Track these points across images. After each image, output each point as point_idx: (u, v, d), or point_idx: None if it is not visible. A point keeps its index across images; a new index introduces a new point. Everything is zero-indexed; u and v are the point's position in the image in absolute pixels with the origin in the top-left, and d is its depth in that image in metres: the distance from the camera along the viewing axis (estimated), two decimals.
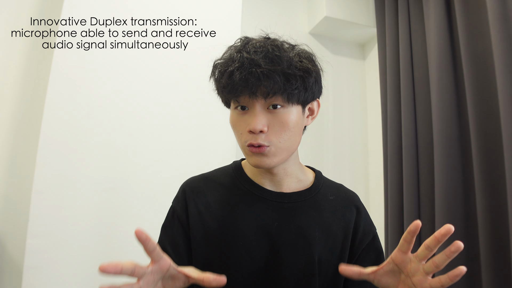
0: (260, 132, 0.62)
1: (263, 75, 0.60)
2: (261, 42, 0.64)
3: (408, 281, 0.55)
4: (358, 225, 0.73)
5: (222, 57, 0.67)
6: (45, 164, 1.23)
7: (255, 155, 0.64)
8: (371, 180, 2.24)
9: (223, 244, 0.67)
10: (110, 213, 1.30)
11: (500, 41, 1.35)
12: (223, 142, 1.48)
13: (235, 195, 0.72)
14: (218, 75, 0.65)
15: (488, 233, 1.36)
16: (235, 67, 0.61)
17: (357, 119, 2.31)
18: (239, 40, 0.67)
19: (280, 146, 0.64)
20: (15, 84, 1.50)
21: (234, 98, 0.64)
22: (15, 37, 1.52)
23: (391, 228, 1.78)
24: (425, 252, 0.53)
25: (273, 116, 0.63)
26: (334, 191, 0.77)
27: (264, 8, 2.15)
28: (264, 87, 0.60)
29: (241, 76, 0.60)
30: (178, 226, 0.71)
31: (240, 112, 0.65)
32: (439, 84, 1.62)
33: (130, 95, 1.40)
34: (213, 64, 0.68)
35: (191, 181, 0.76)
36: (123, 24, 1.43)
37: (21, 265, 1.19)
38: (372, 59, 2.33)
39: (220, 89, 0.66)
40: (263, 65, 0.60)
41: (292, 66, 0.62)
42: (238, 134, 0.66)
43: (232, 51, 0.65)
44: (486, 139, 1.44)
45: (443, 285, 0.51)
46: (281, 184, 0.72)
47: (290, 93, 0.62)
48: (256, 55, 0.61)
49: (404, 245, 0.54)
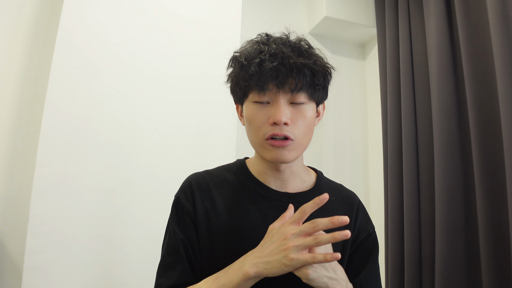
0: (284, 124, 0.62)
1: (295, 67, 0.60)
2: (285, 36, 0.65)
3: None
4: (355, 224, 0.74)
5: (243, 49, 0.67)
6: (45, 164, 1.23)
7: (276, 149, 0.63)
8: (371, 180, 2.24)
9: (228, 241, 0.67)
10: (110, 213, 1.30)
11: (500, 41, 1.35)
12: (223, 143, 1.48)
13: (240, 193, 0.71)
14: (244, 63, 0.63)
15: (488, 233, 1.36)
16: (267, 57, 0.60)
17: (357, 119, 2.31)
18: (259, 35, 0.68)
19: (300, 142, 0.65)
20: (15, 84, 1.50)
21: (259, 88, 0.62)
22: (15, 37, 1.52)
23: (391, 228, 1.77)
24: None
25: (296, 110, 0.63)
26: (335, 191, 0.76)
27: (264, 8, 2.15)
28: (293, 79, 0.60)
29: (273, 65, 0.59)
30: (189, 222, 0.69)
31: (259, 105, 0.64)
32: (439, 84, 1.62)
33: (130, 95, 1.40)
34: (233, 56, 0.67)
35: (196, 176, 0.74)
36: (123, 23, 1.43)
37: (21, 265, 1.19)
38: (372, 59, 2.33)
39: (244, 78, 0.63)
40: (294, 58, 0.60)
41: (317, 63, 0.63)
42: (255, 128, 0.64)
43: (256, 43, 0.65)
44: (486, 139, 1.43)
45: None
46: (286, 183, 0.72)
47: (315, 89, 0.63)
48: (285, 48, 0.62)
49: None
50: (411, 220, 1.67)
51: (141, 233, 1.32)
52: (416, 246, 1.64)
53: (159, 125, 1.42)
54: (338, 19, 2.08)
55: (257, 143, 0.66)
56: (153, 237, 1.20)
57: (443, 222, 1.50)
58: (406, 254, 1.65)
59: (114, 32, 1.41)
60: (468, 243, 1.48)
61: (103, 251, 1.26)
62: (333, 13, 2.07)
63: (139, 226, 1.32)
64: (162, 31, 1.48)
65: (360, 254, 0.73)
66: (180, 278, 0.66)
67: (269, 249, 0.57)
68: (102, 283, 1.25)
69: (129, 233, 1.31)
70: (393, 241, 1.75)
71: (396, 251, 1.73)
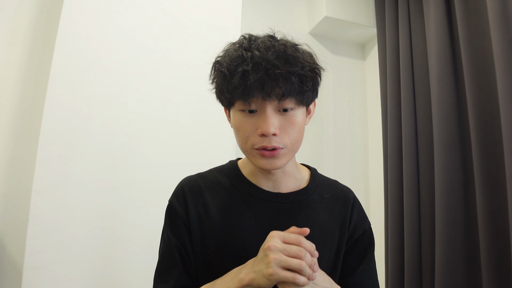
0: (273, 135, 0.60)
1: (281, 77, 0.56)
2: (269, 41, 0.60)
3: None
4: (351, 221, 0.73)
5: (225, 54, 0.62)
6: (45, 164, 1.23)
7: (266, 159, 0.62)
8: (371, 180, 2.24)
9: (221, 245, 0.66)
10: (110, 213, 1.30)
11: (500, 41, 1.35)
12: (223, 142, 1.48)
13: (232, 196, 0.70)
14: (227, 74, 0.59)
15: (488, 233, 1.36)
16: (250, 67, 0.56)
17: (357, 119, 2.31)
18: (243, 37, 0.63)
19: (291, 148, 0.63)
20: (15, 84, 1.50)
21: (244, 100, 0.59)
22: (15, 37, 1.52)
23: (391, 228, 1.77)
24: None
25: (284, 117, 0.61)
26: (329, 188, 0.76)
27: (264, 8, 2.15)
28: (280, 89, 0.57)
29: (257, 77, 0.56)
30: (183, 227, 0.69)
31: (246, 114, 0.61)
32: (439, 84, 1.62)
33: (130, 95, 1.40)
34: (215, 61, 0.64)
35: (189, 180, 0.74)
36: (122, 24, 1.43)
37: (21, 265, 1.19)
38: (372, 59, 2.33)
39: (228, 90, 0.60)
40: (280, 66, 0.56)
41: (304, 67, 0.59)
42: (243, 137, 0.63)
43: (238, 49, 0.60)
44: (486, 139, 1.43)
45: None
46: (279, 184, 0.71)
47: (303, 94, 0.60)
48: (269, 54, 0.57)
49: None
50: (411, 220, 1.67)
51: (141, 233, 1.32)
52: (416, 246, 1.64)
53: (159, 125, 1.42)
54: (338, 19, 2.08)
55: (246, 151, 0.64)
56: (153, 236, 1.20)
57: (443, 222, 1.50)
58: (406, 254, 1.65)
59: (114, 32, 1.41)
60: (468, 243, 1.48)
61: (103, 251, 1.26)
62: (333, 13, 2.07)
63: (139, 226, 1.32)
64: (161, 31, 1.48)
65: (355, 251, 0.73)
66: (176, 283, 0.65)
67: (258, 256, 0.57)
68: (102, 283, 1.25)
69: (129, 233, 1.31)
70: (393, 240, 1.75)
71: (396, 251, 1.73)
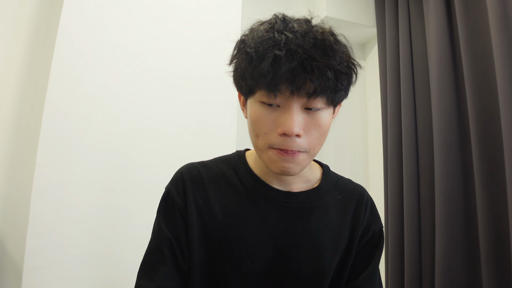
0: (296, 135, 0.52)
1: (317, 70, 0.48)
2: (305, 27, 0.52)
3: None
4: (363, 222, 0.67)
5: (252, 33, 0.53)
6: (45, 164, 1.23)
7: (282, 161, 0.53)
8: (371, 179, 2.24)
9: (221, 245, 0.60)
10: (110, 213, 1.30)
11: (500, 41, 1.35)
12: (223, 143, 1.48)
13: (237, 192, 0.63)
14: (254, 57, 0.50)
15: (488, 232, 1.36)
16: (283, 53, 0.48)
17: (357, 119, 2.31)
18: (275, 16, 0.55)
19: (312, 153, 0.55)
20: (15, 84, 1.50)
21: (270, 91, 0.50)
22: (15, 37, 1.52)
23: (391, 228, 1.78)
24: None
25: (310, 117, 0.53)
26: (342, 188, 0.69)
27: (264, 8, 2.15)
28: (313, 84, 0.49)
29: (290, 66, 0.47)
30: (180, 219, 0.62)
31: (267, 107, 0.53)
32: (439, 84, 1.62)
33: (130, 95, 1.40)
34: (240, 39, 0.56)
35: (190, 168, 0.67)
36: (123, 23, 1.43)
37: (21, 265, 1.19)
38: (372, 59, 2.33)
39: (253, 76, 0.51)
40: (318, 58, 0.48)
41: (342, 62, 0.51)
42: (260, 133, 0.54)
43: (269, 29, 0.52)
44: (486, 139, 1.43)
45: None
46: (290, 183, 0.64)
47: (336, 93, 0.52)
48: (304, 40, 0.49)
49: None
50: (411, 220, 1.67)
51: (141, 233, 1.31)
52: (416, 246, 1.64)
53: (159, 124, 1.42)
54: (338, 19, 2.08)
55: (260, 149, 0.56)
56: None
57: (443, 222, 1.50)
58: (406, 254, 1.65)
59: (114, 32, 1.41)
60: (468, 242, 1.48)
61: (103, 251, 1.26)
62: (333, 13, 2.07)
63: (139, 226, 1.32)
64: (161, 31, 1.48)
65: (363, 255, 0.68)
66: (162, 282, 0.59)
67: None
68: (102, 283, 1.25)
69: (129, 233, 1.31)
70: (393, 240, 1.75)
71: (396, 251, 1.73)
